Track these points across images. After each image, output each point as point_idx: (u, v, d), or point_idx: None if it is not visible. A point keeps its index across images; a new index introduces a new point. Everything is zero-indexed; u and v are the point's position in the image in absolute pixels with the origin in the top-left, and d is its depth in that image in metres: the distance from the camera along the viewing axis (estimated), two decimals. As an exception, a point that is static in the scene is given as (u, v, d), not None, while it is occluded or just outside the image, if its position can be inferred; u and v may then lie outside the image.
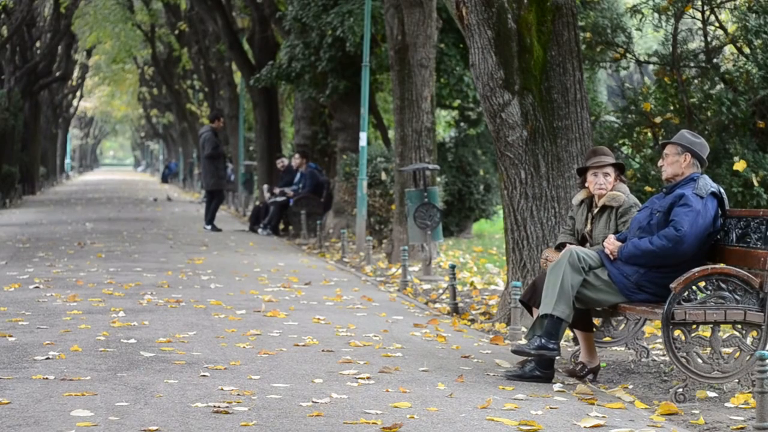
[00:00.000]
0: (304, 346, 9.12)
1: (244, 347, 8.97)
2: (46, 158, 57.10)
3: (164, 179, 66.36)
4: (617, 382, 8.19)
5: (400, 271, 14.37)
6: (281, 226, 23.40)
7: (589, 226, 8.57)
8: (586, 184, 8.61)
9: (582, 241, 8.60)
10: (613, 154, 8.76)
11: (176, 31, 42.83)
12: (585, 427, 6.42)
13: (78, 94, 67.10)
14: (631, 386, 7.97)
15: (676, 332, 7.35)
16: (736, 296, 7.37)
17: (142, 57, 52.35)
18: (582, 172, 8.70)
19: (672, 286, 7.36)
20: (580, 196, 8.71)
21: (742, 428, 6.53)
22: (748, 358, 7.34)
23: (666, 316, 7.31)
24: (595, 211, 8.56)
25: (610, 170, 8.52)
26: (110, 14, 42.24)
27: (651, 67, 13.38)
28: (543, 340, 7.84)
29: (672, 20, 12.56)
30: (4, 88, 36.82)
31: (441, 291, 13.33)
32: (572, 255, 7.92)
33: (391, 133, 25.08)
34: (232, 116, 36.50)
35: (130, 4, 43.46)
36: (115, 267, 15.42)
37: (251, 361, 8.34)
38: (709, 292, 7.38)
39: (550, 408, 6.94)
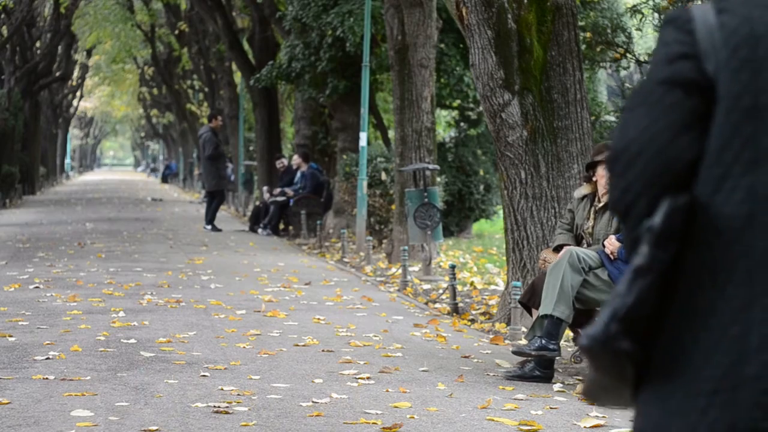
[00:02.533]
0: (304, 346, 9.12)
1: (244, 347, 8.97)
2: (46, 158, 57.09)
3: (164, 179, 66.37)
4: (617, 382, 8.17)
5: (400, 271, 14.37)
6: (281, 226, 23.40)
7: (591, 222, 8.45)
8: (594, 178, 8.43)
9: (578, 239, 8.52)
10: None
11: (176, 31, 42.83)
12: (585, 427, 6.42)
13: (78, 94, 67.09)
14: (631, 386, 7.96)
15: (676, 332, 7.34)
16: (736, 296, 7.35)
17: (142, 57, 52.36)
18: (591, 166, 8.53)
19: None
20: (583, 190, 8.54)
21: (742, 428, 6.52)
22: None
23: (666, 316, 7.30)
24: (599, 205, 8.39)
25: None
26: (110, 14, 42.25)
27: (651, 67, 13.37)
28: (543, 341, 7.84)
29: (672, 20, 12.55)
30: (4, 88, 36.82)
31: (441, 291, 13.33)
32: (572, 255, 7.91)
33: (391, 133, 25.08)
34: (232, 116, 36.50)
35: (130, 4, 43.46)
36: (115, 267, 15.42)
37: (251, 361, 8.34)
38: (709, 292, 7.36)
39: (550, 408, 6.94)
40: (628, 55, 13.30)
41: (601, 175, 8.35)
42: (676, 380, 2.05)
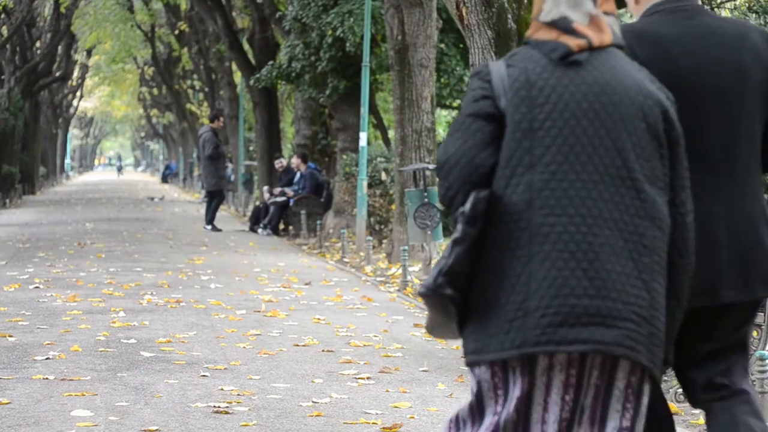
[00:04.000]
0: (304, 346, 9.12)
1: (244, 347, 8.97)
2: (46, 158, 57.10)
3: (164, 179, 66.33)
4: (617, 382, 8.18)
5: (400, 271, 14.37)
6: (281, 226, 23.40)
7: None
8: None
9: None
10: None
11: (176, 31, 42.82)
12: (585, 427, 6.41)
13: (78, 94, 67.10)
14: (631, 386, 7.96)
15: (676, 332, 7.36)
16: (736, 296, 7.37)
17: (142, 57, 52.35)
18: None
19: (672, 286, 7.37)
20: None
21: (742, 428, 6.53)
22: (748, 358, 7.35)
23: (666, 316, 7.32)
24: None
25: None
26: (110, 14, 42.23)
27: (651, 67, 13.37)
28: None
29: (672, 20, 12.57)
30: (4, 88, 36.81)
31: (441, 291, 13.31)
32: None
33: (391, 133, 25.08)
34: (232, 116, 36.49)
35: (130, 4, 43.45)
36: (115, 267, 15.42)
37: (251, 361, 8.34)
38: (709, 292, 7.38)
39: (550, 408, 6.94)
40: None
41: None
42: (490, 313, 3.20)
